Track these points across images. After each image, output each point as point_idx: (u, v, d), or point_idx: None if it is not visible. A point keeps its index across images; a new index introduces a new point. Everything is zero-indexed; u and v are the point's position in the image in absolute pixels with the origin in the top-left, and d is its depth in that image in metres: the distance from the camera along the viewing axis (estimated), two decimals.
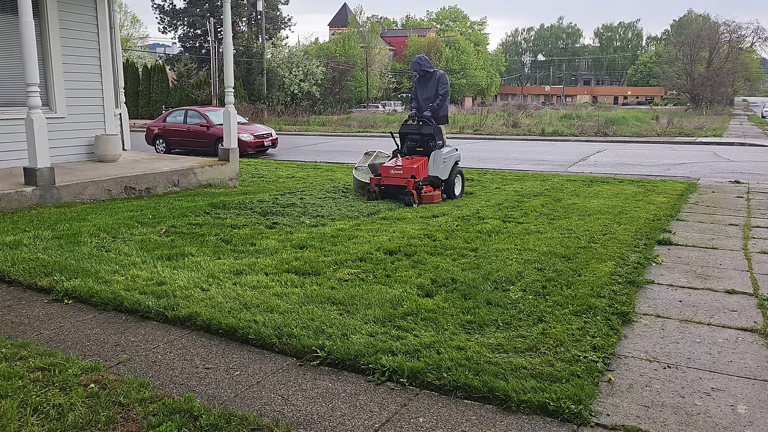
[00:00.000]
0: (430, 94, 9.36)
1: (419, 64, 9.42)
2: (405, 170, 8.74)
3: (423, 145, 9.21)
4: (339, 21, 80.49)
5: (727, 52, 57.12)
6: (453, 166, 9.29)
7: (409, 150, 9.36)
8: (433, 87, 9.36)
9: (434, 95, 9.31)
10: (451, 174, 9.20)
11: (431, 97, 9.32)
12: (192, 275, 4.81)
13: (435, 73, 9.44)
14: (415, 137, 9.31)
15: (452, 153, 9.40)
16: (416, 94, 9.59)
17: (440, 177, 9.03)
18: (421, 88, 9.53)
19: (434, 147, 9.14)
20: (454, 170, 9.30)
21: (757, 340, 3.86)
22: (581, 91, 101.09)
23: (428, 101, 9.32)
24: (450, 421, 2.88)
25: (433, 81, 9.38)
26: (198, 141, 18.74)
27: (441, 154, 9.06)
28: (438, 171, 9.02)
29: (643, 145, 22.41)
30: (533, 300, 4.38)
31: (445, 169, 9.09)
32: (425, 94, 9.44)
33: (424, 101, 9.40)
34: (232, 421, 2.77)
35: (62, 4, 9.90)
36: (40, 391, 3.00)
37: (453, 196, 9.22)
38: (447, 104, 9.53)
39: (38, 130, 7.75)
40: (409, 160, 8.98)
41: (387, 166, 8.98)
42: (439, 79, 9.36)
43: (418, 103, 9.53)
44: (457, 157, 9.56)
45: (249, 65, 46.53)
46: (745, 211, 8.53)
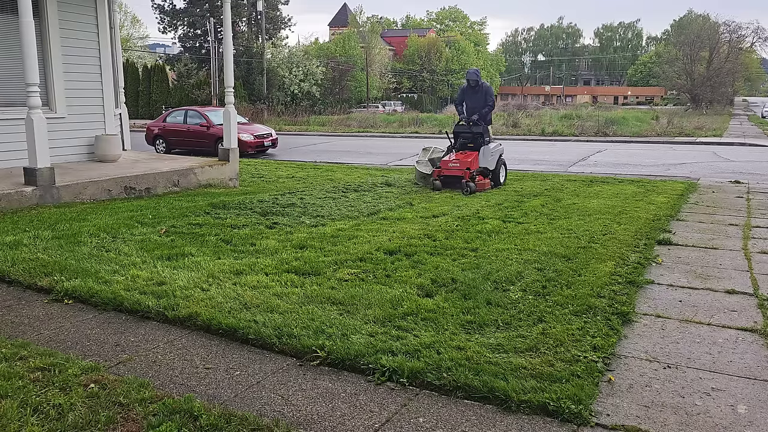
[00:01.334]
0: (477, 103, 10.89)
1: (476, 74, 11.14)
2: (462, 163, 10.20)
3: (473, 142, 10.71)
4: (339, 21, 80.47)
5: (727, 52, 57.10)
6: (498, 158, 10.71)
7: (461, 146, 10.83)
8: (481, 97, 10.90)
9: (483, 104, 10.85)
10: (497, 165, 10.67)
11: (479, 106, 10.83)
12: (192, 275, 4.81)
13: (483, 85, 11.06)
14: (467, 135, 10.84)
15: (498, 148, 10.88)
16: (464, 101, 11.15)
17: (488, 168, 10.49)
18: (469, 98, 11.09)
19: (483, 143, 10.61)
20: (500, 162, 10.76)
21: (757, 340, 3.86)
22: (581, 91, 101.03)
23: (476, 108, 10.82)
24: (450, 421, 2.88)
25: (481, 92, 10.95)
26: (198, 141, 18.74)
27: (489, 149, 10.55)
28: (487, 162, 10.50)
29: (643, 145, 22.41)
30: (533, 300, 4.38)
31: (493, 161, 10.56)
32: (473, 103, 10.99)
33: (472, 109, 10.94)
34: (232, 421, 2.77)
35: (62, 4, 9.89)
36: (40, 391, 3.00)
37: (499, 183, 10.75)
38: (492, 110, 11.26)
39: (38, 130, 7.75)
40: (463, 154, 10.42)
41: (446, 161, 10.42)
42: (486, 91, 11.00)
43: (466, 109, 11.08)
44: (501, 151, 10.96)
45: (249, 65, 46.53)
46: (745, 211, 8.53)
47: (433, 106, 62.42)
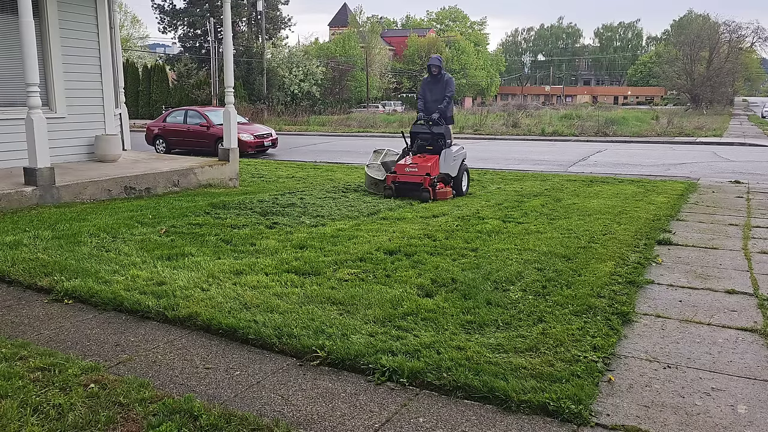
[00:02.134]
0: (438, 96, 9.57)
1: (439, 61, 9.69)
2: (420, 168, 9.09)
3: (433, 144, 9.52)
4: (339, 21, 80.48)
5: (727, 52, 57.10)
6: (461, 163, 9.60)
7: (419, 149, 9.65)
8: (441, 89, 9.59)
9: (443, 97, 9.55)
10: (459, 171, 9.54)
11: (440, 99, 9.54)
12: (192, 275, 4.81)
13: (444, 75, 9.70)
14: (426, 136, 9.60)
15: (460, 151, 9.74)
16: (425, 96, 9.78)
17: (450, 174, 9.37)
18: (430, 90, 9.74)
19: (444, 146, 9.47)
20: (462, 167, 9.62)
21: (757, 340, 3.86)
22: (581, 91, 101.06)
23: (437, 103, 9.55)
24: (450, 421, 2.88)
25: (441, 83, 9.61)
26: (198, 141, 18.74)
27: (451, 152, 9.41)
28: (449, 168, 9.37)
29: (643, 145, 22.41)
30: (533, 300, 4.38)
31: (455, 167, 9.46)
32: (434, 96, 9.65)
33: (433, 102, 9.62)
34: (232, 421, 2.77)
35: (62, 4, 9.89)
36: (40, 391, 3.00)
37: (461, 192, 9.55)
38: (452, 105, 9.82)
39: (38, 130, 7.75)
40: (422, 158, 9.35)
41: (402, 164, 9.32)
42: (447, 82, 9.62)
43: (426, 104, 9.73)
44: (464, 155, 9.85)
45: (249, 65, 46.52)
46: (745, 211, 8.53)
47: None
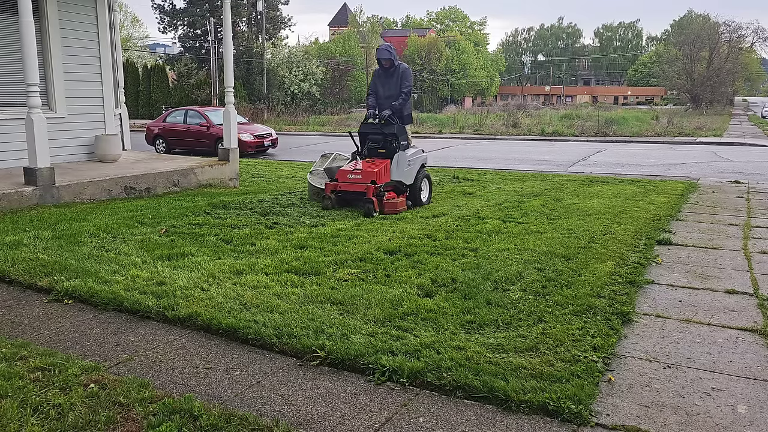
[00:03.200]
0: (393, 92, 8.27)
1: (389, 51, 8.22)
2: (364, 175, 7.71)
3: (386, 147, 8.20)
4: (339, 21, 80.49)
5: (727, 52, 57.10)
6: (419, 169, 8.33)
7: (369, 152, 8.33)
8: (395, 83, 8.23)
9: (398, 93, 8.23)
10: (416, 178, 8.23)
11: (394, 95, 8.23)
12: (192, 275, 4.81)
13: (399, 66, 8.27)
14: (377, 137, 8.25)
15: (418, 155, 8.41)
16: (376, 90, 8.45)
17: (404, 182, 8.06)
18: (382, 84, 8.39)
19: (398, 148, 8.14)
20: (420, 174, 8.32)
21: (757, 340, 3.86)
22: (581, 91, 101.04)
23: (391, 99, 8.24)
24: (450, 421, 2.88)
25: (396, 76, 8.25)
26: (198, 141, 18.74)
27: (405, 157, 8.10)
28: (402, 175, 8.03)
29: (643, 145, 22.41)
30: (533, 300, 4.38)
31: (410, 173, 8.14)
32: (388, 91, 8.33)
33: (386, 99, 8.29)
34: (232, 421, 2.77)
35: (62, 4, 9.90)
36: (40, 391, 3.00)
37: (419, 203, 8.26)
38: (410, 101, 8.49)
39: (38, 130, 7.75)
40: (369, 163, 7.96)
41: (345, 170, 7.94)
42: (402, 75, 8.23)
43: (378, 100, 8.41)
44: (424, 159, 8.57)
45: (249, 65, 46.52)
46: (745, 211, 8.53)
47: (433, 106, 62.41)
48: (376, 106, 8.38)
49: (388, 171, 7.99)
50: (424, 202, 8.40)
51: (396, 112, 8.17)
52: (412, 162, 8.22)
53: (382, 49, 8.29)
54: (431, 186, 8.79)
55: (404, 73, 8.28)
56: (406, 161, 8.10)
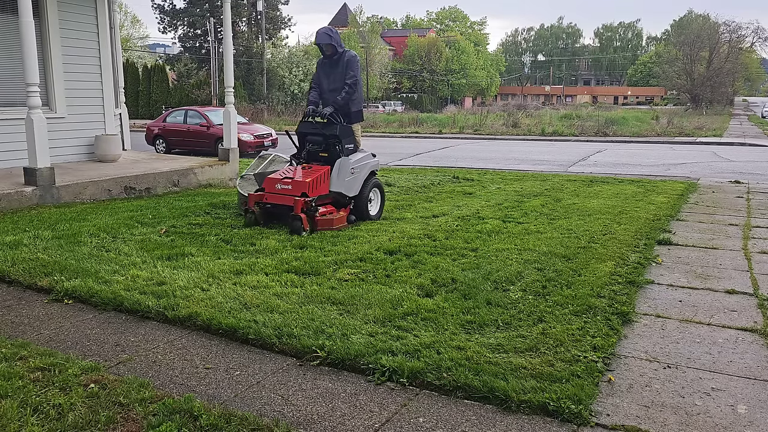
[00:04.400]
0: (338, 84, 7.05)
1: (329, 36, 6.97)
2: (294, 185, 6.52)
3: (328, 150, 6.95)
4: (339, 21, 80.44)
5: (727, 52, 57.12)
6: (367, 177, 7.12)
7: (309, 156, 7.07)
8: (341, 74, 7.02)
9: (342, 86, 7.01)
10: (363, 188, 7.04)
11: (339, 88, 7.02)
12: (192, 275, 4.81)
13: (344, 54, 7.06)
14: (317, 139, 7.02)
15: (366, 161, 7.13)
16: (320, 83, 7.26)
17: (346, 193, 6.86)
18: (326, 75, 7.19)
19: (341, 153, 6.89)
20: (369, 183, 7.12)
21: (757, 340, 3.86)
22: (581, 91, 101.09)
23: (335, 93, 7.05)
24: (450, 421, 2.88)
25: (341, 66, 7.04)
26: (198, 141, 18.74)
27: (348, 163, 6.81)
28: (343, 185, 6.80)
29: (643, 145, 22.41)
30: (533, 300, 4.38)
31: (354, 183, 6.92)
32: (332, 84, 7.12)
33: (331, 93, 7.11)
34: (232, 421, 2.77)
35: (62, 4, 9.90)
36: (40, 391, 3.00)
37: (366, 217, 7.10)
38: (359, 96, 7.20)
39: (38, 130, 7.75)
40: (305, 170, 6.78)
41: (273, 178, 6.72)
42: (347, 64, 7.02)
43: (322, 95, 7.24)
44: (374, 165, 7.28)
45: (249, 65, 46.53)
46: (745, 211, 8.53)
47: (433, 106, 62.45)
48: (318, 101, 7.22)
49: (325, 180, 6.73)
50: (372, 216, 7.20)
51: (339, 109, 6.98)
52: (357, 170, 6.94)
53: (321, 32, 7.02)
54: (383, 197, 7.54)
55: (349, 61, 7.04)
56: (348, 169, 6.82)
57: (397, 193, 9.71)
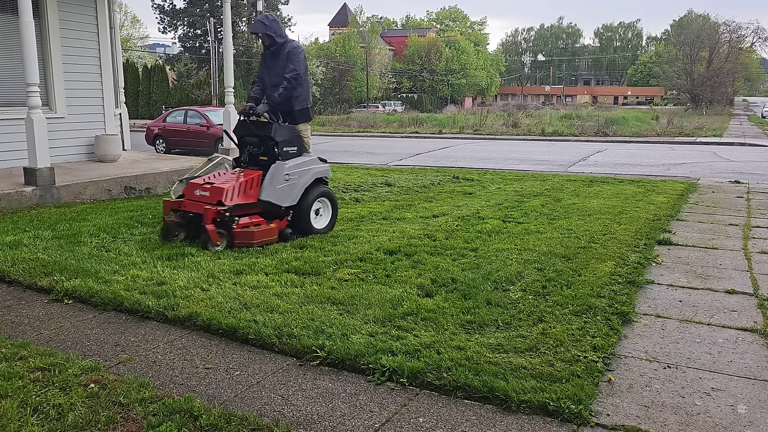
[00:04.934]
0: (279, 80, 6.36)
1: (264, 25, 6.31)
2: (212, 191, 5.80)
3: (267, 153, 6.23)
4: (339, 21, 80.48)
5: (727, 52, 57.12)
6: (310, 185, 6.29)
7: (250, 159, 6.38)
8: (282, 68, 6.34)
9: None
10: (304, 198, 6.22)
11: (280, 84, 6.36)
12: (192, 275, 4.81)
13: (285, 45, 6.38)
14: (253, 140, 6.35)
15: (308, 166, 6.30)
16: (262, 77, 6.59)
17: (277, 203, 6.03)
18: (268, 69, 6.51)
19: (280, 156, 6.14)
20: (314, 193, 6.30)
21: (757, 340, 3.86)
22: (581, 91, 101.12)
23: (276, 89, 6.39)
24: (450, 421, 2.88)
25: (282, 58, 6.36)
26: (198, 141, 18.73)
27: (282, 169, 6.04)
28: (274, 194, 6.00)
29: (643, 145, 22.41)
30: (533, 300, 4.38)
31: (289, 192, 6.10)
32: (274, 78, 6.42)
33: (272, 88, 6.42)
34: (232, 421, 2.77)
35: (62, 4, 9.90)
36: (40, 391, 3.00)
37: (309, 231, 6.26)
38: (305, 93, 6.48)
39: (38, 130, 7.75)
40: (234, 174, 6.12)
41: (195, 183, 6.02)
42: (289, 55, 6.33)
43: (265, 90, 6.55)
44: (321, 172, 6.42)
45: (249, 65, 46.52)
46: (745, 211, 8.53)
47: (433, 106, 62.47)
48: (260, 97, 6.55)
49: (253, 187, 6.00)
50: (318, 230, 6.36)
51: (277, 106, 6.32)
52: (295, 176, 6.13)
53: (256, 22, 6.41)
54: (335, 208, 6.64)
55: (290, 53, 6.33)
56: (282, 175, 6.03)
57: (397, 193, 9.71)
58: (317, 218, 6.48)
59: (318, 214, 6.49)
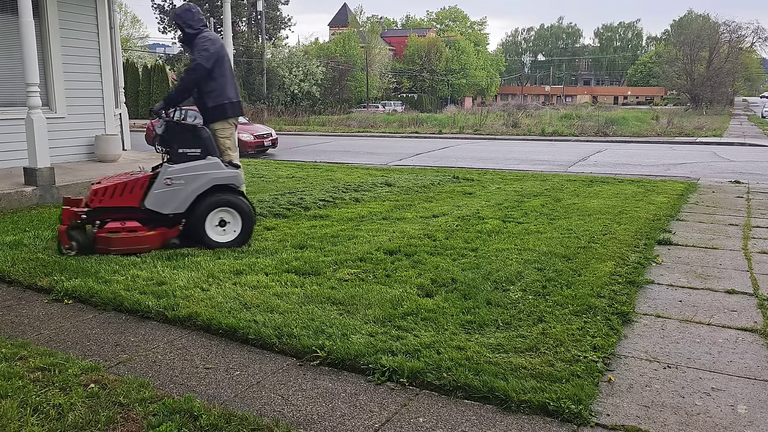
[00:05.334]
0: None
1: (177, 16, 6.07)
2: (92, 192, 5.59)
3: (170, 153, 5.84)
4: (339, 21, 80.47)
5: (727, 52, 57.14)
6: (206, 193, 5.68)
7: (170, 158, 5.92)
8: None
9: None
10: (196, 206, 5.65)
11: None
12: (192, 275, 4.81)
13: (197, 36, 6.08)
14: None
15: (202, 171, 5.68)
16: None
17: (155, 209, 5.59)
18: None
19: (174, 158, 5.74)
20: (208, 201, 5.67)
21: (757, 340, 3.86)
22: (581, 91, 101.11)
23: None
24: (450, 421, 2.88)
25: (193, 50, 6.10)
26: None
27: (166, 172, 5.59)
28: (152, 199, 5.57)
29: (643, 145, 22.41)
30: (533, 300, 4.38)
31: (171, 198, 5.59)
32: None
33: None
34: (232, 421, 2.77)
35: (62, 4, 9.90)
36: (40, 391, 3.00)
37: (206, 243, 5.68)
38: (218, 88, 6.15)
39: (38, 130, 7.75)
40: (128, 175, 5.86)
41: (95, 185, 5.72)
42: (193, 47, 6.05)
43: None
44: (220, 178, 5.72)
45: (249, 65, 46.53)
46: (745, 211, 8.53)
47: (433, 106, 62.46)
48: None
49: (136, 190, 5.63)
50: (221, 243, 5.72)
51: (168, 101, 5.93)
52: (179, 181, 5.59)
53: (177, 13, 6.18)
54: (248, 221, 5.85)
55: (195, 45, 6.02)
56: (163, 179, 5.57)
57: (397, 193, 9.71)
58: (221, 230, 5.80)
59: (224, 225, 5.80)
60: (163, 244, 5.63)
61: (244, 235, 5.86)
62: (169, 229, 5.73)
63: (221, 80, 6.11)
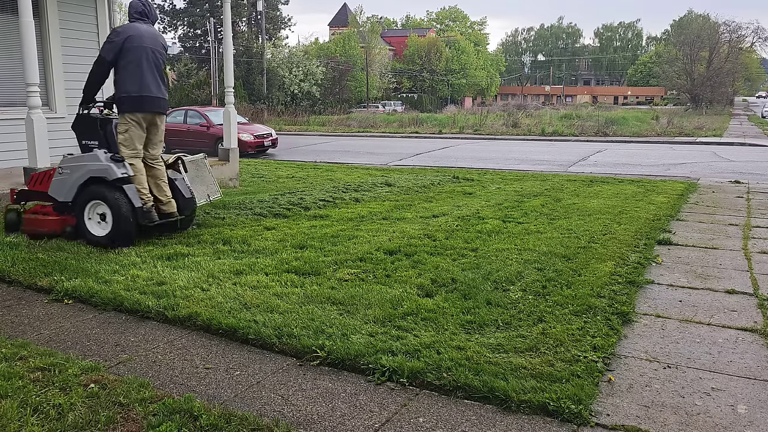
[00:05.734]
0: None
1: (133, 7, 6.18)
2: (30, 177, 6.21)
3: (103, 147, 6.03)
4: (339, 21, 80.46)
5: (727, 52, 57.12)
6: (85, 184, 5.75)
7: None
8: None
9: None
10: (78, 197, 5.80)
11: None
12: (192, 275, 4.81)
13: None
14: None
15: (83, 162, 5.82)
16: None
17: (52, 195, 5.93)
18: None
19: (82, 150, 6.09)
20: (85, 193, 5.75)
21: (757, 340, 3.86)
22: (581, 91, 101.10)
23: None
24: (450, 421, 2.88)
25: None
26: (198, 141, 18.73)
27: (60, 163, 5.97)
28: (52, 188, 5.92)
29: (643, 145, 22.41)
30: (533, 300, 4.38)
31: (61, 187, 5.85)
32: None
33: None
34: (232, 421, 2.77)
35: (62, 4, 9.89)
36: (40, 391, 3.00)
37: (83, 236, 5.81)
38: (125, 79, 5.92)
39: (38, 130, 7.74)
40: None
41: None
42: None
43: None
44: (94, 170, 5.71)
45: (249, 65, 46.54)
46: (745, 211, 8.53)
47: (433, 106, 62.42)
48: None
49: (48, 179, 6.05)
50: (95, 237, 5.73)
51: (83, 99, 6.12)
52: (66, 171, 5.85)
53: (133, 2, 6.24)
54: (120, 218, 5.62)
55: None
56: (58, 167, 5.94)
57: (397, 193, 9.71)
58: (97, 223, 5.80)
59: (103, 219, 5.76)
60: (62, 230, 5.94)
61: (114, 233, 5.68)
62: (71, 218, 5.96)
63: (123, 73, 5.92)
